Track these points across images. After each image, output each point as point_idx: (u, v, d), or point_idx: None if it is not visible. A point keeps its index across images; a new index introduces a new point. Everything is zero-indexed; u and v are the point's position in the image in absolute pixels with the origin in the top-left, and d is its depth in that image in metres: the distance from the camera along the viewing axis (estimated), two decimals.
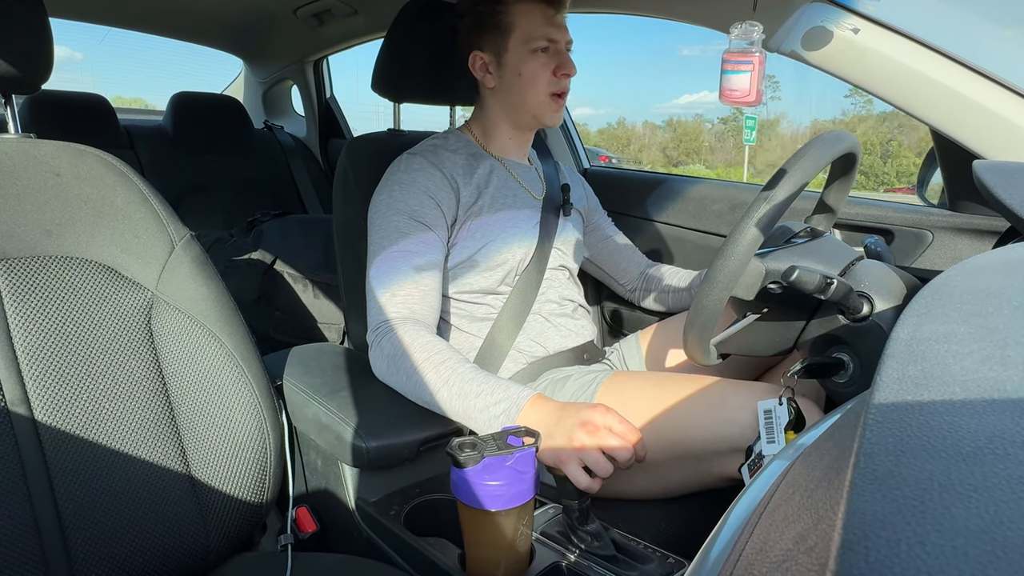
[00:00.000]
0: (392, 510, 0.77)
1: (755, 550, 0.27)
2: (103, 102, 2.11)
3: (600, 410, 0.72)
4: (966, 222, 1.05)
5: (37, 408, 0.67)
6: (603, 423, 0.70)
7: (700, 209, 1.41)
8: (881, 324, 0.72)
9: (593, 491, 0.69)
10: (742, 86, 0.78)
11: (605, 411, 0.72)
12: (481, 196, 1.01)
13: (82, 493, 0.67)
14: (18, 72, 0.72)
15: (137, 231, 0.76)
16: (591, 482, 0.68)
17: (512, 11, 0.99)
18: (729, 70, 0.79)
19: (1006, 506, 0.18)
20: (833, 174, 0.85)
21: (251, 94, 2.72)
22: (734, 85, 0.79)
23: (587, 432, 0.70)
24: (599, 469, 0.68)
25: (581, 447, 0.69)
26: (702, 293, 0.71)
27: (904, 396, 0.24)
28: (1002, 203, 0.58)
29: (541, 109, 1.02)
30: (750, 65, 0.78)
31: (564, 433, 0.71)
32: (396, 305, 0.89)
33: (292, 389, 0.88)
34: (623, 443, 0.69)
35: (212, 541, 0.74)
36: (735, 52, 0.78)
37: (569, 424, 0.71)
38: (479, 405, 0.77)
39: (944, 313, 0.32)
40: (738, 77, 0.78)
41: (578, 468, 0.68)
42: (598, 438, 0.69)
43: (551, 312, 1.07)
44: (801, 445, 0.37)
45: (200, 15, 2.17)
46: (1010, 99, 0.80)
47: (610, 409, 0.72)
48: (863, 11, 0.82)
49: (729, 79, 0.79)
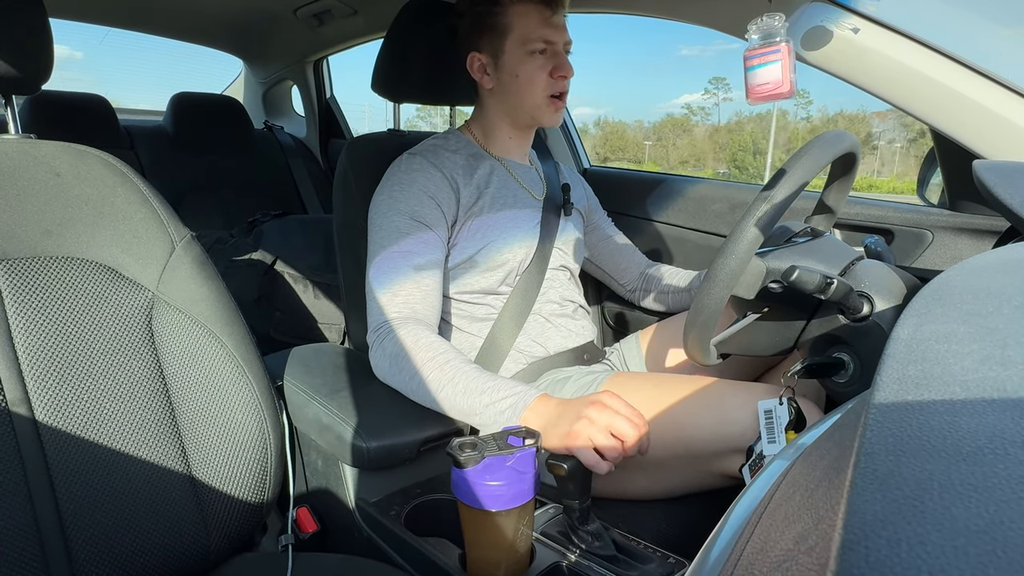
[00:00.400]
0: (392, 510, 0.77)
1: (755, 550, 0.27)
2: (103, 102, 2.11)
3: (607, 394, 0.73)
4: (966, 222, 1.05)
5: (38, 408, 0.67)
6: (612, 405, 0.72)
7: (700, 209, 1.41)
8: (881, 324, 0.72)
9: (603, 472, 0.69)
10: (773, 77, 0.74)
11: (612, 395, 0.73)
12: (481, 196, 1.01)
13: (83, 493, 0.67)
14: (18, 72, 0.72)
15: (137, 231, 0.76)
16: (601, 463, 0.69)
17: (509, 12, 0.98)
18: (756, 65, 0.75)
19: (1006, 506, 0.18)
20: (833, 174, 0.85)
21: (251, 94, 2.72)
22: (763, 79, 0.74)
23: (596, 411, 0.71)
24: (608, 449, 0.69)
25: (590, 424, 0.70)
26: (703, 292, 0.71)
27: (904, 396, 0.24)
28: (1002, 203, 0.58)
29: (539, 111, 1.02)
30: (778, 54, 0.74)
31: (572, 415, 0.72)
32: (398, 305, 0.89)
33: (292, 389, 0.88)
34: (630, 425, 0.70)
35: (213, 541, 0.74)
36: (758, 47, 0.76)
37: (577, 406, 0.73)
38: (484, 402, 0.78)
39: (944, 313, 0.32)
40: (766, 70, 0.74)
41: (588, 449, 0.69)
42: (606, 417, 0.70)
43: (551, 312, 1.07)
44: (801, 445, 0.37)
45: (200, 15, 2.17)
46: (1010, 99, 0.80)
47: (616, 395, 0.74)
48: (863, 11, 0.82)
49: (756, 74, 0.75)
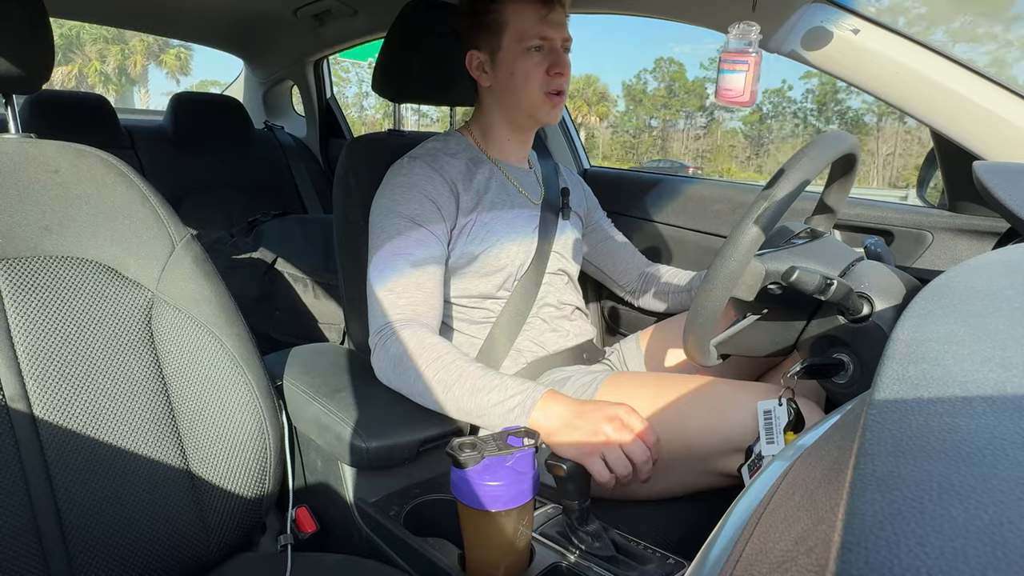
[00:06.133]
0: (392, 510, 0.77)
1: (755, 551, 0.27)
2: (103, 102, 2.11)
3: (625, 409, 0.74)
4: (966, 223, 1.05)
5: (37, 408, 0.67)
6: (629, 423, 0.72)
7: (700, 209, 1.41)
8: (881, 325, 0.72)
9: (610, 488, 0.70)
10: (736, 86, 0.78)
11: (629, 411, 0.73)
12: (480, 201, 1.01)
13: (82, 493, 0.67)
14: (18, 72, 0.72)
15: (137, 231, 0.76)
16: (610, 477, 0.70)
17: (506, 10, 0.98)
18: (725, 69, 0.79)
19: (1006, 506, 0.18)
20: (833, 175, 0.85)
21: (251, 94, 2.72)
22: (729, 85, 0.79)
23: (614, 428, 0.71)
24: (619, 467, 0.70)
25: (606, 442, 0.70)
26: (702, 293, 0.71)
27: (904, 397, 0.24)
28: (1002, 204, 0.58)
29: (535, 108, 1.02)
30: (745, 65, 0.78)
31: (589, 427, 0.72)
32: (400, 308, 0.89)
33: (292, 389, 0.88)
34: (643, 446, 0.71)
35: (212, 541, 0.74)
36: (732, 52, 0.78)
37: (595, 418, 0.73)
38: (492, 400, 0.78)
39: (944, 314, 0.32)
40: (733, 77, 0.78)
41: (600, 462, 0.70)
42: (621, 436, 0.70)
43: (549, 316, 1.07)
44: (801, 446, 0.37)
45: (200, 15, 2.17)
46: (1010, 99, 0.80)
47: (634, 410, 0.74)
48: (863, 11, 0.82)
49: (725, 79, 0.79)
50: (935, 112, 0.83)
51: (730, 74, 0.79)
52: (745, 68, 0.78)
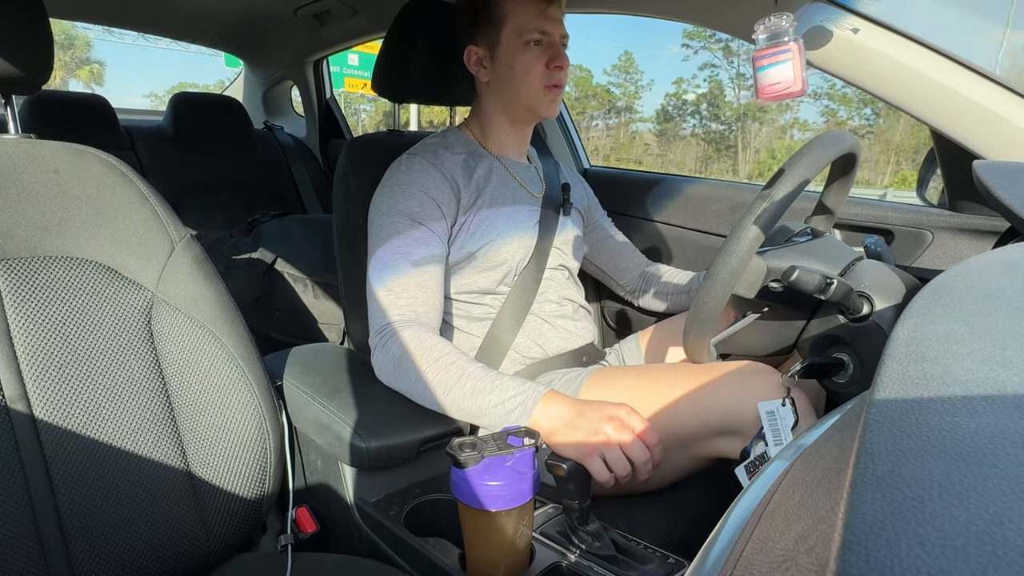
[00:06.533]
0: (392, 510, 0.77)
1: (755, 550, 0.27)
2: (103, 102, 2.11)
3: (626, 409, 0.73)
4: (966, 222, 1.05)
5: (37, 408, 0.67)
6: (630, 423, 0.72)
7: (700, 209, 1.41)
8: (881, 324, 0.72)
9: (609, 486, 0.70)
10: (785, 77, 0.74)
11: (630, 411, 0.73)
12: (480, 195, 1.01)
13: (82, 493, 0.67)
14: (18, 72, 0.72)
15: (137, 231, 0.76)
16: (610, 477, 0.70)
17: (505, 5, 0.99)
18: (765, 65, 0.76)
19: (1006, 506, 0.18)
20: (833, 175, 0.85)
21: (251, 94, 2.72)
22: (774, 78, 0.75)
23: (614, 428, 0.71)
24: (618, 467, 0.70)
25: (606, 441, 0.70)
26: (703, 291, 0.71)
27: (904, 396, 0.24)
28: (1002, 203, 0.57)
29: (535, 101, 1.02)
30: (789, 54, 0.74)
31: (589, 426, 0.72)
32: (400, 307, 0.89)
33: (292, 389, 0.88)
34: (643, 446, 0.71)
35: (212, 541, 0.74)
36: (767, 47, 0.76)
37: (595, 418, 0.73)
38: (493, 400, 0.78)
39: (944, 313, 0.32)
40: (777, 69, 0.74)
41: (599, 462, 0.70)
42: (622, 436, 0.71)
43: (550, 313, 1.07)
44: (801, 445, 0.37)
45: (200, 15, 2.17)
46: (1010, 99, 0.80)
47: (634, 411, 0.74)
48: (863, 11, 0.82)
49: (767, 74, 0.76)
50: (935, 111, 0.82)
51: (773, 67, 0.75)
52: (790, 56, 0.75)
